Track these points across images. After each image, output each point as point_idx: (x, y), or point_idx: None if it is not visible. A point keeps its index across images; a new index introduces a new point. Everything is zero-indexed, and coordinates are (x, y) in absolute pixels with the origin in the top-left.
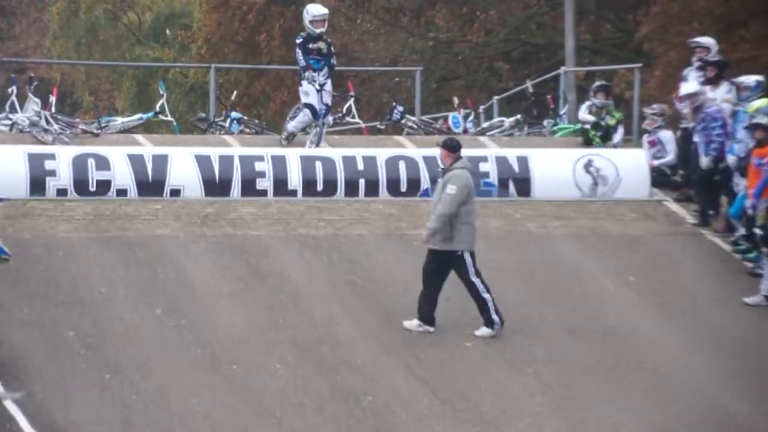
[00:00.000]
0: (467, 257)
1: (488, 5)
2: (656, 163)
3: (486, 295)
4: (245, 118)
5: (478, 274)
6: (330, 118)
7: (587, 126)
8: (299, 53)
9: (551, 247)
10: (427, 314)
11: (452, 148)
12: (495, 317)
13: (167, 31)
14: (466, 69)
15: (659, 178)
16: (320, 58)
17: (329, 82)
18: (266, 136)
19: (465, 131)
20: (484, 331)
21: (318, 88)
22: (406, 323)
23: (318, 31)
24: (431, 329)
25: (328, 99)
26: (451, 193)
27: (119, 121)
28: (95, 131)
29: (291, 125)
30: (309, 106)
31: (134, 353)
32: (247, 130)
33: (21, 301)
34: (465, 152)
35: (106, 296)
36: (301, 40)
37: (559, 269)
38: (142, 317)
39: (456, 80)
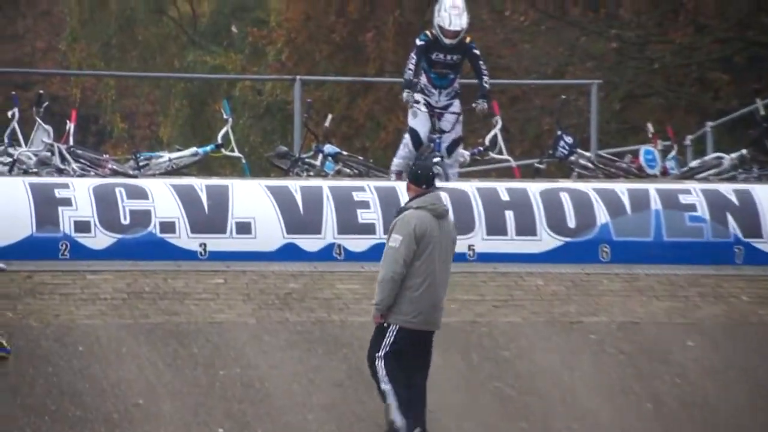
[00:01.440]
0: (393, 332)
1: None
2: None
3: (386, 387)
4: (344, 153)
5: (390, 358)
6: (465, 153)
7: None
8: (412, 59)
9: None
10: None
11: (417, 178)
12: (397, 418)
13: (233, 29)
14: (665, 82)
15: None
16: (447, 73)
17: (456, 102)
18: (373, 179)
19: (664, 172)
20: None
21: (430, 110)
22: None
23: (448, 41)
24: None
25: (448, 124)
26: (393, 246)
27: (165, 157)
28: (131, 172)
29: (394, 163)
30: (411, 131)
31: None
32: (347, 170)
33: (23, 418)
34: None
35: (145, 411)
36: (423, 42)
37: None
38: None
39: (650, 98)
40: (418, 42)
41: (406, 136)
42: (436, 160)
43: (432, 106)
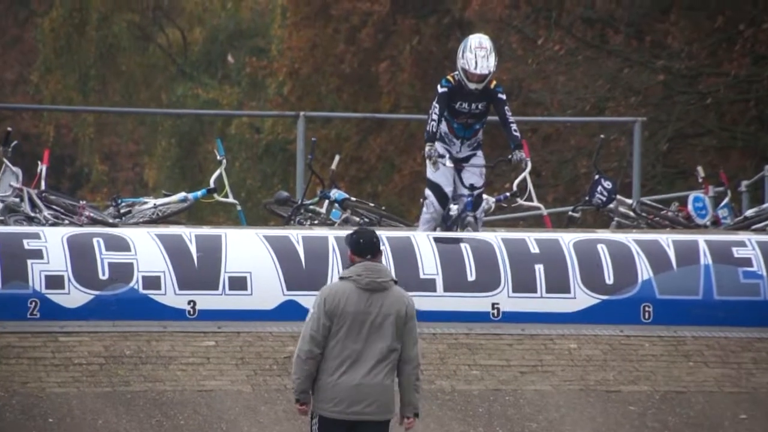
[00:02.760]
0: (315, 424)
1: (759, 11)
2: None
3: None
4: (353, 199)
5: None
6: (489, 199)
7: None
8: (435, 109)
9: None
10: None
11: (357, 247)
12: None
13: (229, 58)
14: (718, 119)
15: None
16: (472, 123)
17: (479, 153)
18: (386, 228)
19: (716, 222)
20: None
21: (451, 162)
22: None
23: (473, 86)
24: None
25: (475, 178)
26: (305, 321)
27: (149, 203)
28: (110, 220)
29: (420, 229)
30: (433, 186)
31: None
32: (356, 218)
33: None
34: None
35: None
36: (445, 89)
37: None
38: None
39: (701, 138)
40: (440, 89)
41: (428, 194)
42: (468, 220)
43: (452, 157)
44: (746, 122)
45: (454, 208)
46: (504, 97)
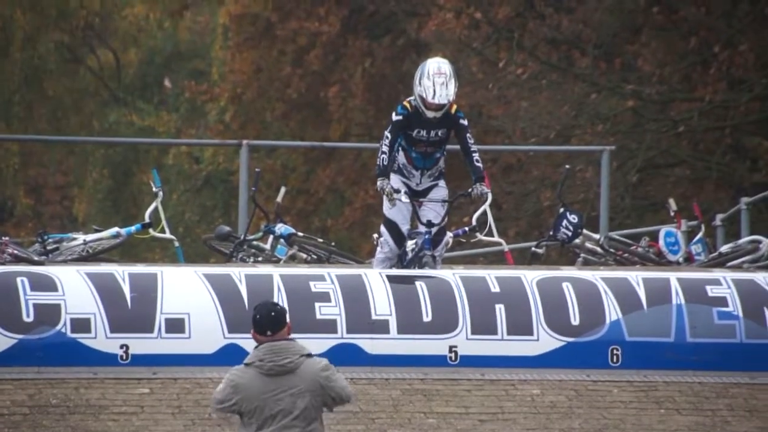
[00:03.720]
0: None
1: (735, 32)
2: None
3: None
4: (300, 234)
5: None
6: (448, 235)
7: None
8: (386, 139)
9: None
10: None
11: (256, 323)
12: None
13: (166, 82)
14: (692, 149)
15: None
16: (431, 152)
17: (441, 184)
18: (336, 266)
19: (689, 259)
20: None
21: (407, 197)
22: None
23: (431, 115)
24: None
25: (433, 213)
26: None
27: (79, 239)
28: (36, 258)
29: (374, 266)
30: (389, 224)
31: None
32: (303, 255)
33: None
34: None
35: None
36: (400, 117)
37: None
38: None
39: (674, 168)
40: (395, 117)
41: (383, 231)
42: (425, 260)
43: (412, 190)
44: (721, 151)
45: (410, 245)
46: (466, 123)
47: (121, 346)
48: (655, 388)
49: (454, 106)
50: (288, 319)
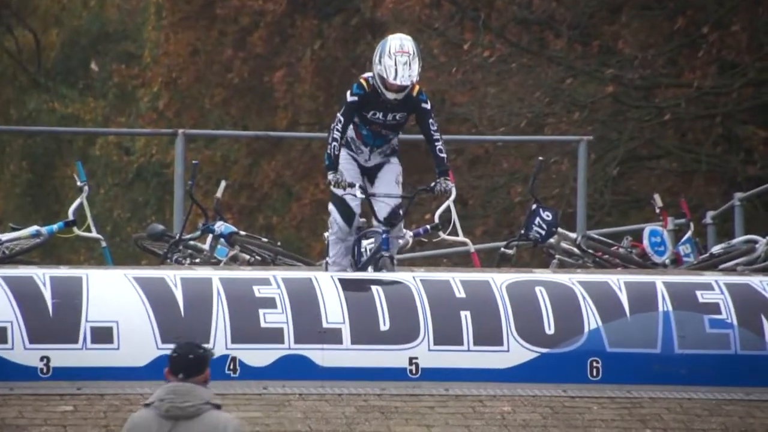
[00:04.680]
0: None
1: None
2: None
3: None
4: (242, 233)
5: None
6: (407, 233)
7: None
8: (339, 123)
9: None
10: None
11: (171, 363)
12: None
13: (92, 66)
14: (679, 139)
15: None
16: (386, 134)
17: (393, 162)
18: (282, 268)
19: (677, 260)
20: None
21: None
22: None
23: (391, 96)
24: None
25: (386, 208)
26: None
27: None
28: None
29: (330, 258)
30: (336, 200)
31: None
32: (246, 256)
33: None
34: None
35: None
36: (355, 98)
37: None
38: None
39: (659, 160)
40: (349, 98)
41: (330, 209)
42: (382, 262)
43: (360, 166)
44: (712, 142)
45: (365, 244)
46: (429, 106)
47: (42, 359)
48: (639, 405)
49: (417, 87)
50: (208, 368)
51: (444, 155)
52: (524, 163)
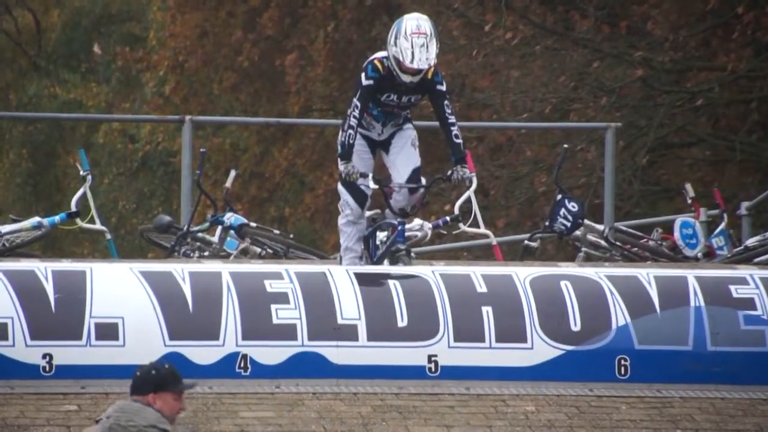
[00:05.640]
0: None
1: None
2: None
3: None
4: (252, 225)
5: None
6: (426, 225)
7: None
8: (355, 109)
9: None
10: None
11: (132, 382)
12: None
13: (95, 48)
14: (712, 125)
15: None
16: (398, 113)
17: (406, 128)
18: (294, 262)
19: (710, 253)
20: None
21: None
22: None
23: (406, 79)
24: None
25: (404, 200)
26: None
27: None
28: None
29: (342, 244)
30: (348, 186)
31: None
32: (257, 249)
33: None
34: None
35: None
36: (370, 81)
37: None
38: None
39: (691, 148)
40: (365, 81)
41: (341, 190)
42: (399, 255)
43: (372, 141)
44: (747, 129)
45: (381, 237)
46: (444, 89)
47: (44, 356)
48: (670, 405)
49: (432, 68)
50: (166, 393)
51: (460, 141)
52: (549, 151)
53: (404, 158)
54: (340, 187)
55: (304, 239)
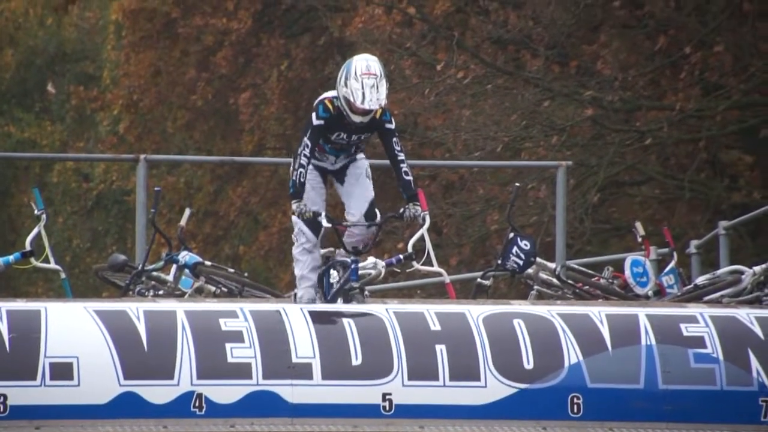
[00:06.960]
0: None
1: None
2: None
3: None
4: (207, 264)
5: None
6: (379, 264)
7: None
8: (306, 148)
9: None
10: None
11: None
12: None
13: (49, 87)
14: (661, 164)
15: None
16: (348, 149)
17: (359, 158)
18: (249, 300)
19: (660, 292)
20: None
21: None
22: None
23: (357, 119)
24: None
25: (360, 240)
26: None
27: None
28: None
29: (299, 282)
30: (309, 217)
31: None
32: (212, 288)
33: None
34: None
35: None
36: (321, 122)
37: None
38: None
39: (641, 186)
40: (315, 121)
41: (295, 220)
42: (353, 293)
43: (326, 170)
44: (695, 167)
45: (334, 275)
46: (393, 126)
47: None
48: None
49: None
50: None
51: (410, 177)
52: (501, 189)
53: (361, 190)
54: (294, 217)
55: (259, 277)
